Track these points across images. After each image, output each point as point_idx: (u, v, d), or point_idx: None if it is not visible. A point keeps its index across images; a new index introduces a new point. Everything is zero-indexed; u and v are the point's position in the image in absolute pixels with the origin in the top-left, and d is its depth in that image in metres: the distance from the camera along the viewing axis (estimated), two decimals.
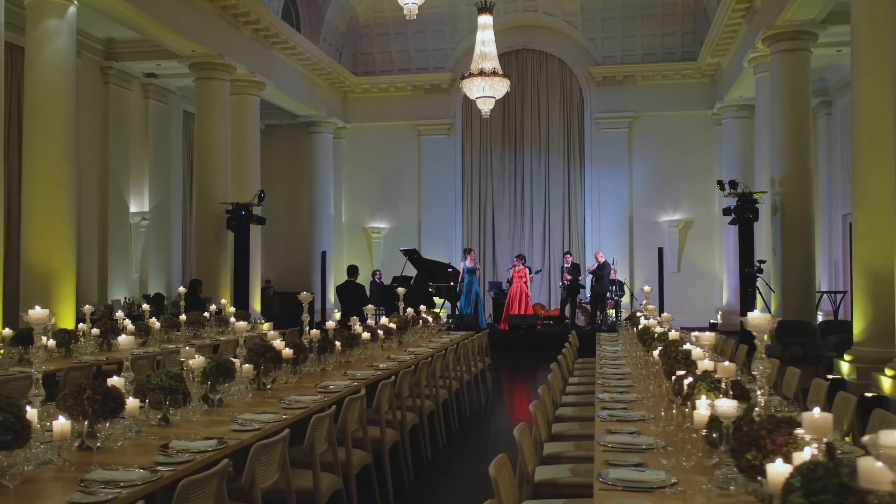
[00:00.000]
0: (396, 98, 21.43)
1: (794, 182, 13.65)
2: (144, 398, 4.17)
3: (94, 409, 3.54)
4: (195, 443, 3.68)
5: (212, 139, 15.51)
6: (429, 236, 20.99)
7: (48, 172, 11.31)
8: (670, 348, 5.57)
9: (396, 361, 7.13)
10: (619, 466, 3.29)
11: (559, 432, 5.45)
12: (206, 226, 15.43)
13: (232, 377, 4.82)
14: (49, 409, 3.87)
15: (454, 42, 21.15)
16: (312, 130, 20.93)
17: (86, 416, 3.54)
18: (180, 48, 14.87)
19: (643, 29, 20.17)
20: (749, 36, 15.49)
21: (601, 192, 20.45)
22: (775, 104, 13.96)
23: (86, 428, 3.55)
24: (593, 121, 20.56)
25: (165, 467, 3.27)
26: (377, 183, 21.59)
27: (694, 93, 20.04)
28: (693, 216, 20.10)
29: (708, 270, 19.99)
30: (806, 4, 12.66)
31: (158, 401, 4.06)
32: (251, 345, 5.39)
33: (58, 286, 11.36)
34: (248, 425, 4.13)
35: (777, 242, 13.81)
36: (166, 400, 4.12)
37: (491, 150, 21.07)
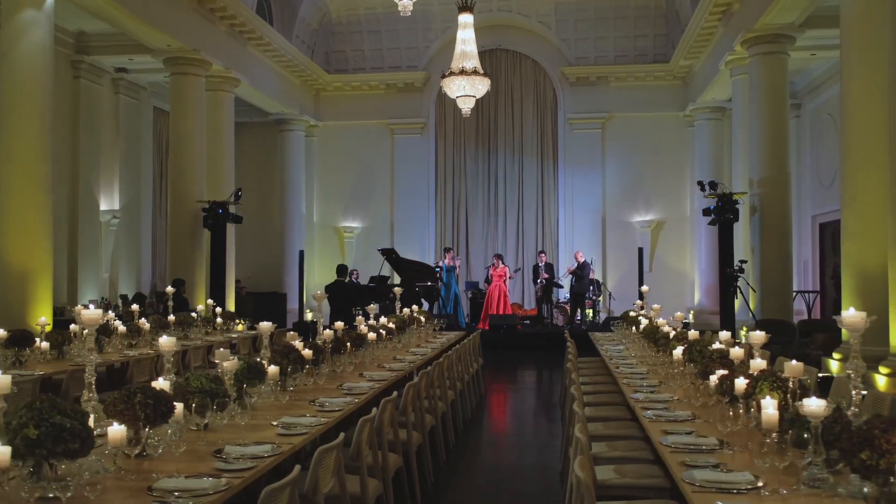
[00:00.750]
0: (369, 96, 21.25)
1: (772, 183, 13.83)
2: (182, 401, 4.01)
3: (147, 414, 3.38)
4: (249, 448, 3.55)
5: (187, 136, 15.19)
6: (402, 236, 20.84)
7: (25, 169, 10.93)
8: (696, 347, 5.56)
9: (406, 362, 7.03)
10: (698, 468, 3.24)
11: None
12: (180, 224, 15.11)
13: (262, 379, 4.69)
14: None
15: (428, 41, 21.05)
16: (284, 128, 20.65)
17: (137, 422, 3.38)
18: (155, 42, 14.53)
19: (616, 31, 20.30)
20: (725, 39, 15.66)
21: (574, 192, 20.53)
22: (753, 106, 14.14)
23: (137, 434, 3.39)
24: (567, 121, 20.63)
25: (231, 474, 3.14)
26: (349, 182, 21.38)
27: (666, 95, 20.22)
28: (665, 217, 20.29)
29: (679, 270, 20.19)
30: (786, 8, 12.85)
31: (203, 404, 3.90)
32: (276, 346, 5.24)
33: (35, 286, 10.98)
34: (293, 429, 4.00)
35: (756, 242, 13.97)
36: (213, 404, 3.97)
37: (465, 149, 21.02)
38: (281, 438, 3.80)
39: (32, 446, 2.77)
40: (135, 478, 3.10)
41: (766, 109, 13.90)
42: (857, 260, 9.67)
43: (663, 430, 3.98)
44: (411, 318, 9.65)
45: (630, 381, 5.75)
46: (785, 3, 12.59)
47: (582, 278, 16.29)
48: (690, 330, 6.17)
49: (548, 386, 12.65)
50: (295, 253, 20.34)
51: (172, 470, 3.18)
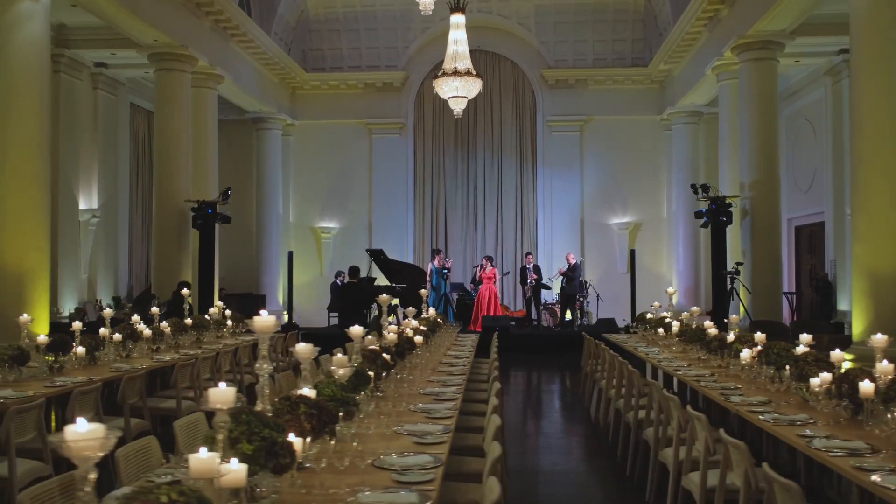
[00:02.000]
0: (347, 95, 21.03)
1: (762, 187, 14.11)
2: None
3: (313, 425, 3.25)
4: (412, 458, 3.46)
5: (172, 134, 14.83)
6: (380, 237, 20.66)
7: (22, 167, 10.53)
8: (774, 350, 5.61)
9: (459, 364, 6.95)
10: (875, 471, 3.25)
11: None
12: (166, 224, 14.73)
13: (367, 385, 4.57)
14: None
15: (407, 41, 20.92)
16: (261, 127, 20.30)
17: (303, 433, 3.25)
18: (142, 37, 14.14)
19: (595, 34, 20.48)
20: (712, 44, 15.91)
21: (553, 193, 20.64)
22: (744, 111, 14.40)
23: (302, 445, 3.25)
24: (545, 123, 20.73)
25: (421, 486, 3.04)
26: (326, 182, 21.13)
27: (643, 98, 20.48)
28: (642, 219, 20.54)
29: (656, 272, 20.44)
30: (780, 16, 13.12)
31: (347, 413, 3.78)
32: (364, 352, 5.12)
33: (32, 289, 10.60)
34: (426, 437, 3.92)
35: (746, 245, 14.24)
36: (341, 412, 3.84)
37: (443, 150, 20.96)
38: (422, 447, 3.72)
39: (247, 463, 2.63)
40: (317, 492, 2.98)
41: (756, 115, 14.17)
42: (867, 262, 9.94)
43: (797, 433, 3.98)
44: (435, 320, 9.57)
45: (707, 384, 5.76)
46: (780, 11, 12.86)
47: (573, 280, 16.39)
48: (756, 333, 6.23)
49: (564, 388, 12.68)
50: (272, 254, 20.06)
51: (355, 483, 3.07)
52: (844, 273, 15.69)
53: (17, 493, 4.60)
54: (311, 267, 20.98)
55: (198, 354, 7.88)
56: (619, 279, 19.88)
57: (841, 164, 15.85)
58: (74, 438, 1.76)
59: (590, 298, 17.38)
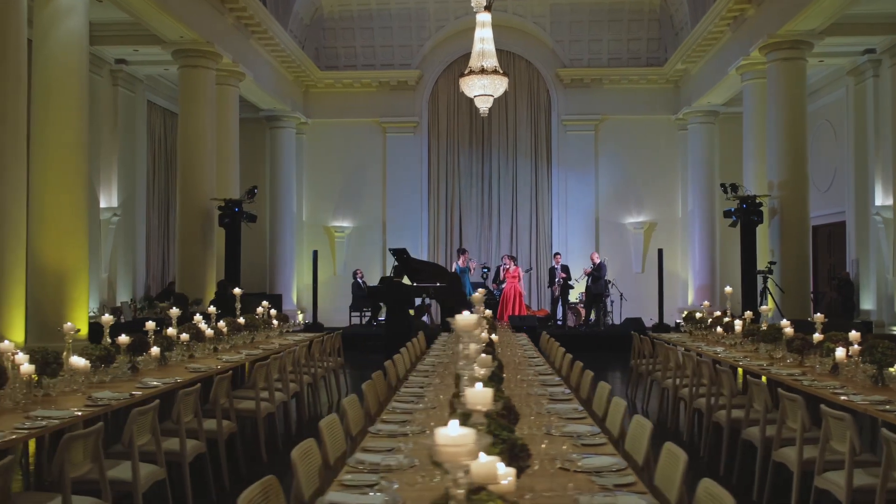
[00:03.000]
0: (360, 94, 20.90)
1: (792, 187, 14.15)
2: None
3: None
4: (594, 459, 3.39)
5: (197, 132, 14.66)
6: (394, 236, 20.54)
7: (62, 163, 10.36)
8: (878, 348, 5.58)
9: (541, 364, 6.89)
10: None
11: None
12: (191, 223, 14.56)
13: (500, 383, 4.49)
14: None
15: (421, 39, 20.81)
16: (275, 125, 20.13)
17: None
18: (169, 33, 13.96)
19: (610, 34, 20.47)
20: (735, 44, 15.93)
21: (568, 193, 20.62)
22: (772, 110, 14.42)
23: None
24: (560, 122, 20.70)
25: (627, 488, 2.98)
26: (339, 181, 20.98)
27: (658, 98, 20.49)
28: (657, 218, 20.55)
29: (671, 271, 20.41)
30: (813, 16, 13.14)
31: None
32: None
33: (73, 288, 10.42)
34: (584, 438, 3.86)
35: (775, 244, 14.27)
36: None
37: (458, 149, 20.88)
38: (590, 448, 3.65)
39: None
40: (550, 493, 2.91)
41: (785, 114, 14.19)
42: None
43: None
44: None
45: (809, 383, 5.72)
46: (813, 10, 12.87)
47: (598, 279, 16.37)
48: (852, 332, 6.20)
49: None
50: (286, 253, 19.89)
51: (564, 485, 3.00)
52: (868, 272, 15.79)
53: (140, 497, 4.48)
54: (324, 266, 20.76)
55: (261, 354, 7.76)
56: (634, 279, 19.91)
57: (864, 165, 15.95)
58: (447, 443, 1.67)
59: (612, 298, 17.35)
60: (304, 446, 3.53)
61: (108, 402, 4.99)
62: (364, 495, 2.86)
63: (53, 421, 4.29)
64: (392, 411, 4.57)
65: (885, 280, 15.27)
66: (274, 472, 3.26)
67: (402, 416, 4.39)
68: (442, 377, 6.03)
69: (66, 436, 3.76)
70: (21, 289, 9.25)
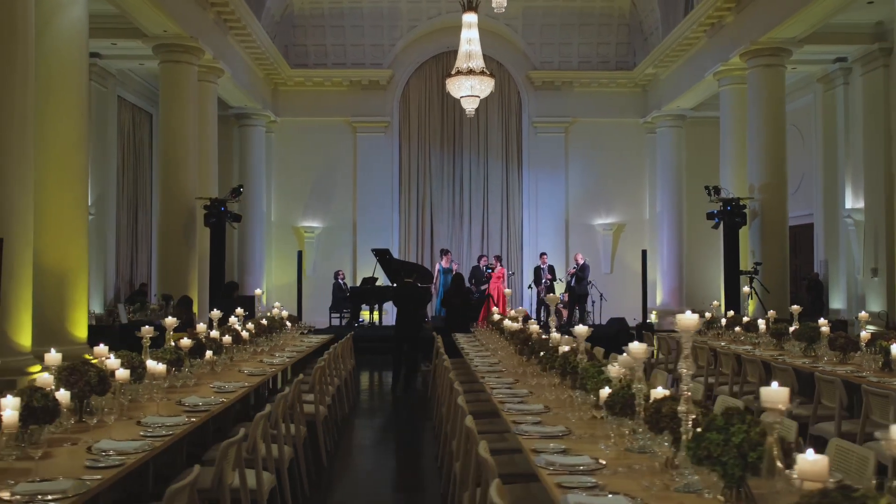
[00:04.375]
0: (331, 93, 20.66)
1: (772, 189, 14.57)
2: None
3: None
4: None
5: (179, 129, 14.28)
6: (365, 237, 20.39)
7: (61, 159, 9.92)
8: None
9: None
10: None
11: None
12: (172, 223, 14.17)
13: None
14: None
15: (393, 39, 20.70)
16: (244, 123, 19.74)
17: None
18: (153, 27, 13.56)
19: (580, 37, 20.73)
20: (712, 50, 16.31)
21: (538, 194, 20.79)
22: (753, 115, 14.81)
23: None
24: (531, 124, 20.87)
25: None
26: (309, 180, 20.71)
27: (626, 101, 20.84)
28: (625, 220, 20.89)
29: (638, 272, 20.74)
30: (796, 24, 13.55)
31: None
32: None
33: (74, 289, 10.01)
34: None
35: (756, 246, 14.66)
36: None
37: (429, 150, 20.84)
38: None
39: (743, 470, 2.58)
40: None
41: (765, 119, 14.60)
42: None
43: None
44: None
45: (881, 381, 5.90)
46: (798, 19, 13.28)
47: (582, 279, 16.53)
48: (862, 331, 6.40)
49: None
50: (256, 253, 19.51)
51: None
52: (837, 272, 16.37)
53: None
54: (293, 267, 20.49)
55: (298, 357, 7.61)
56: (604, 279, 20.13)
57: (833, 169, 16.53)
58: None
59: (593, 298, 17.54)
60: None
61: (206, 406, 4.82)
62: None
63: (198, 413, 4.13)
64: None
65: (854, 280, 15.86)
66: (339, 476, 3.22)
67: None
68: (521, 377, 6.00)
69: (225, 443, 3.61)
70: (28, 291, 8.82)
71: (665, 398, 3.38)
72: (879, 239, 14.78)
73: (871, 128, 15.05)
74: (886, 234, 14.53)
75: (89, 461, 3.44)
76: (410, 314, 10.75)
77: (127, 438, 3.87)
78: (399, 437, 8.80)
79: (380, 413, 10.21)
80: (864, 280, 15.40)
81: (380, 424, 9.56)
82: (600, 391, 4.20)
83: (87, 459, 3.46)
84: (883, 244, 14.66)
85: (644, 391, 3.75)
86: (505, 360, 7.25)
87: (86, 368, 4.35)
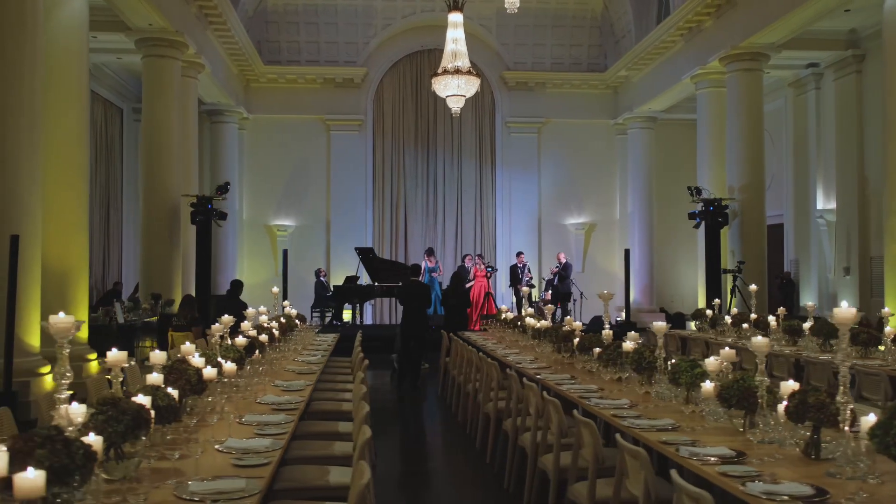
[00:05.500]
0: (304, 90, 20.47)
1: (751, 190, 14.96)
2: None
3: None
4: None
5: (163, 125, 13.97)
6: (338, 235, 20.28)
7: (62, 154, 9.68)
8: None
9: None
10: None
11: None
12: (156, 221, 13.85)
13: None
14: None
15: (367, 37, 20.61)
16: (216, 120, 19.41)
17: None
18: (138, 20, 13.23)
19: (553, 38, 20.94)
20: (689, 53, 16.65)
21: (512, 193, 20.94)
22: (732, 118, 15.17)
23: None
24: (504, 124, 21.01)
25: None
26: (281, 178, 20.47)
27: (597, 103, 21.13)
28: (596, 220, 21.19)
29: (609, 271, 21.13)
30: (777, 30, 13.94)
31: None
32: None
33: (74, 287, 9.77)
34: None
35: (736, 245, 15.04)
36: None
37: (403, 148, 20.81)
38: None
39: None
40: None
41: (744, 122, 14.97)
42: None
43: None
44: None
45: None
46: (779, 25, 13.65)
47: (565, 278, 16.70)
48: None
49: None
50: (228, 253, 19.20)
51: None
52: (809, 271, 16.89)
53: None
54: (266, 266, 20.32)
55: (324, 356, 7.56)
56: (576, 278, 20.39)
57: (804, 171, 17.06)
58: None
59: (574, 297, 17.73)
60: None
61: (291, 404, 4.77)
62: None
63: (291, 411, 4.08)
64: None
65: (826, 279, 16.39)
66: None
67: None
68: (577, 373, 6.07)
69: (362, 441, 3.59)
70: (37, 290, 8.57)
71: (802, 390, 3.49)
72: (852, 238, 15.32)
73: (843, 132, 15.59)
74: (860, 234, 15.07)
75: (233, 460, 3.39)
76: (417, 312, 10.72)
77: (246, 437, 3.82)
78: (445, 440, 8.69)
79: (393, 413, 10.06)
80: (836, 279, 15.94)
81: (411, 429, 9.35)
82: (702, 385, 4.30)
83: (231, 458, 3.41)
84: (856, 244, 15.21)
85: (767, 383, 3.86)
86: (542, 357, 7.32)
87: (184, 367, 4.27)
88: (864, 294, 14.92)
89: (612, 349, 5.78)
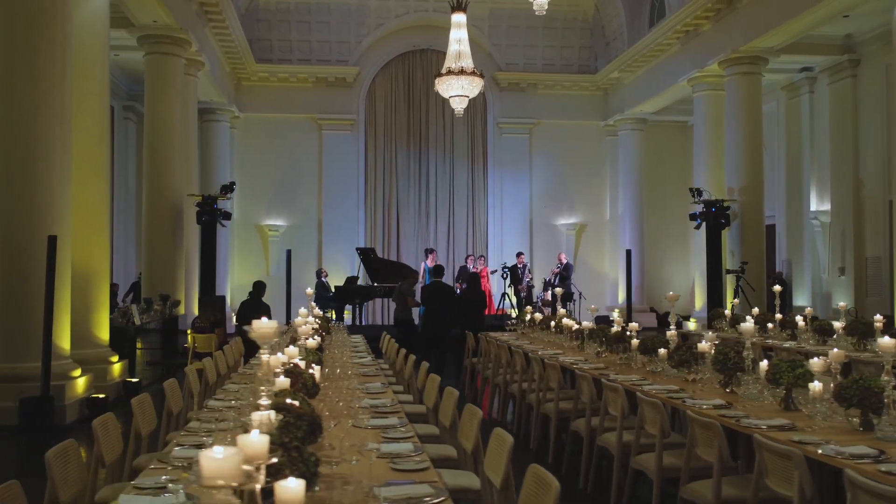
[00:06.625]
0: (296, 89, 20.31)
1: (750, 192, 15.20)
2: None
3: None
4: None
5: (166, 124, 13.84)
6: (331, 235, 20.18)
7: (84, 154, 9.49)
8: None
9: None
10: None
11: None
12: (160, 221, 13.69)
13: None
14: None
15: (360, 36, 20.51)
16: (208, 118, 19.15)
17: None
18: (143, 17, 13.08)
19: (545, 40, 21.05)
20: (686, 57, 16.87)
21: (503, 194, 21.01)
22: (731, 121, 15.41)
23: None
24: (496, 125, 21.07)
25: None
26: (273, 178, 20.30)
27: (588, 104, 21.29)
28: (587, 220, 21.35)
29: (599, 271, 21.32)
30: (778, 34, 14.18)
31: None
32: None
33: (97, 289, 9.59)
34: None
35: (736, 246, 15.26)
36: None
37: (395, 148, 20.75)
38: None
39: None
40: None
41: (743, 124, 15.21)
42: None
43: None
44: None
45: None
46: (782, 30, 13.89)
47: (566, 279, 16.80)
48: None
49: None
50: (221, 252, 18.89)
51: None
52: (802, 271, 17.21)
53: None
54: (257, 266, 20.10)
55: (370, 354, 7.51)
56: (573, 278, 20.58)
57: (797, 173, 17.36)
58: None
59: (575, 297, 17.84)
60: None
61: (389, 407, 4.74)
62: None
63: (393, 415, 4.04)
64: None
65: (819, 279, 16.72)
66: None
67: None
68: (645, 374, 6.11)
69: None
70: (68, 292, 8.41)
71: None
72: (847, 240, 15.65)
73: (838, 135, 15.91)
74: (855, 236, 15.40)
75: (391, 464, 3.37)
76: (439, 314, 10.66)
77: (379, 441, 3.80)
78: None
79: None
80: (830, 279, 16.26)
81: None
82: (810, 385, 4.37)
83: (388, 462, 3.39)
84: (850, 244, 15.53)
85: (893, 383, 3.93)
86: (591, 359, 7.36)
87: (298, 370, 4.22)
88: (860, 294, 15.24)
89: (685, 350, 5.84)
